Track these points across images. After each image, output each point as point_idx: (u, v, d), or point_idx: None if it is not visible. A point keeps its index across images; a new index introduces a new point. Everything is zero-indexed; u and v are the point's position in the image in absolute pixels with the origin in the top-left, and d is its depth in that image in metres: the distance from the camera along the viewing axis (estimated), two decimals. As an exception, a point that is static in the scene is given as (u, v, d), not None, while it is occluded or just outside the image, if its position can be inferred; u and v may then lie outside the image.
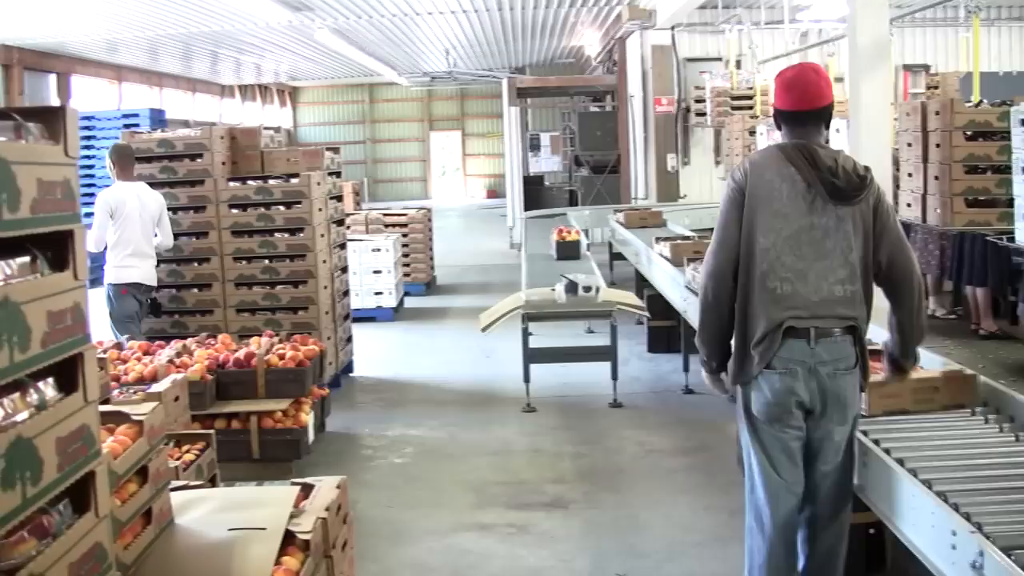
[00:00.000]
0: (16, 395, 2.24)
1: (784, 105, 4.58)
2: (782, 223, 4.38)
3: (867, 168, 4.48)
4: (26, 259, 2.30)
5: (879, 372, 4.86)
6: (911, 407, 5.12)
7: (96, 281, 9.46)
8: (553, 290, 9.51)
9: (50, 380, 2.38)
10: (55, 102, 23.36)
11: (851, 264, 4.37)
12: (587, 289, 9.40)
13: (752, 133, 17.28)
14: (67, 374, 2.43)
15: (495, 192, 43.14)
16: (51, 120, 2.42)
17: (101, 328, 8.57)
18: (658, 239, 10.23)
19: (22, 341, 2.18)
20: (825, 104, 4.52)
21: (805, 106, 4.51)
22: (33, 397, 2.29)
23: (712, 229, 4.71)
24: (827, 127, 4.60)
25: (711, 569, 5.78)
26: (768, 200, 4.42)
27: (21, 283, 2.22)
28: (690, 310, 8.35)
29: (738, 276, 4.49)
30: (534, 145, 31.15)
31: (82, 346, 2.46)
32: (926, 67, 21.88)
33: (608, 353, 9.29)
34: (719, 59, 20.78)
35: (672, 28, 20.89)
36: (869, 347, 4.59)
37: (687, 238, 10.84)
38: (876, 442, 4.77)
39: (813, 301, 4.35)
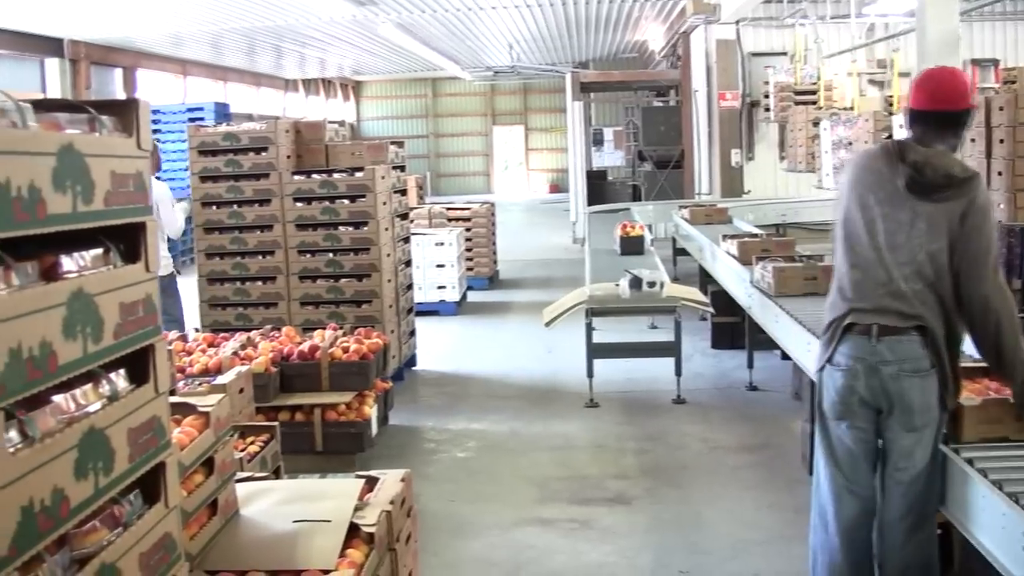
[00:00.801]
0: (88, 386, 2.25)
1: (911, 103, 4.50)
2: (860, 212, 4.36)
3: (970, 173, 4.33)
4: (99, 251, 2.32)
5: (981, 393, 4.53)
6: (1013, 435, 4.40)
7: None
8: (617, 285, 9.47)
9: (121, 371, 2.39)
10: (121, 96, 23.57)
11: (919, 262, 4.25)
12: (651, 284, 9.36)
13: (816, 125, 17.11)
14: (138, 365, 2.45)
15: (558, 187, 43.10)
16: (124, 113, 2.44)
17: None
18: (725, 237, 10.15)
19: (95, 332, 2.20)
20: (949, 108, 4.38)
21: (928, 106, 4.40)
22: (105, 388, 2.30)
23: (778, 225, 4.73)
24: (955, 132, 4.42)
25: (776, 568, 5.73)
26: (853, 191, 4.43)
27: (94, 275, 2.24)
28: (755, 307, 8.29)
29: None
30: (597, 140, 31.06)
31: (153, 338, 2.47)
32: (995, 62, 21.59)
33: (672, 349, 9.25)
34: (784, 54, 20.62)
35: (737, 22, 20.77)
36: (971, 363, 4.48)
37: (754, 236, 10.74)
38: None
39: (878, 294, 4.27)
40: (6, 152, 1.93)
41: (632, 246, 12.35)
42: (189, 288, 10.08)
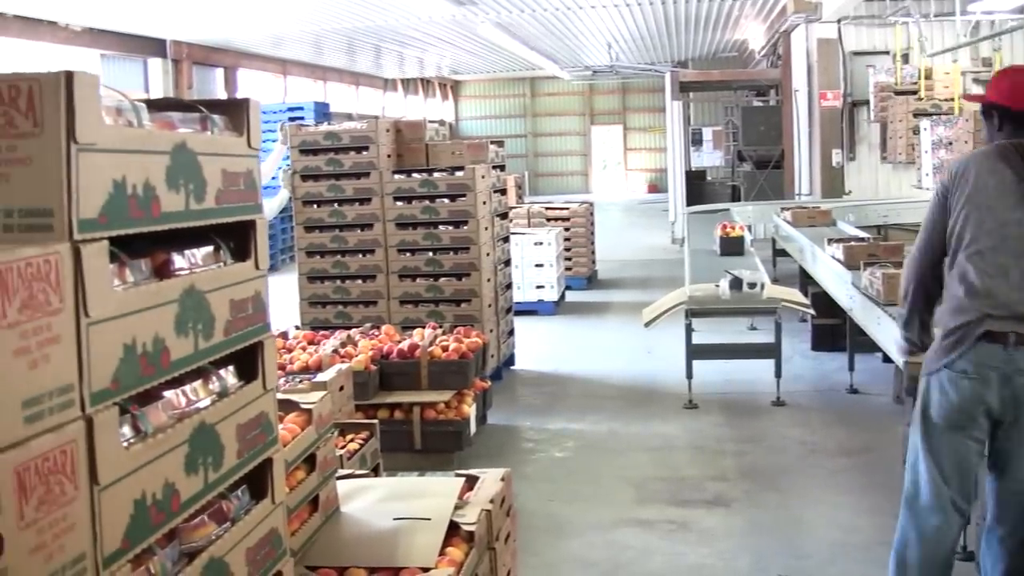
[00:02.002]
0: (198, 382, 2.28)
1: (1010, 102, 4.34)
2: (986, 216, 4.17)
3: None
4: (210, 248, 2.35)
5: None
6: None
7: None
8: (717, 286, 9.42)
9: (230, 368, 2.42)
10: (222, 95, 23.93)
11: None
12: (752, 285, 9.29)
13: (916, 132, 16.85)
14: (247, 362, 2.48)
15: (656, 187, 42.95)
16: (235, 113, 2.47)
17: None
18: (830, 240, 10.00)
19: (206, 329, 2.22)
20: None
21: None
22: (215, 384, 2.33)
23: (880, 226, 4.63)
24: None
25: (874, 573, 5.64)
26: (973, 196, 4.21)
27: (205, 272, 2.27)
28: (856, 308, 8.18)
29: (944, 270, 4.37)
30: (696, 140, 30.92)
31: (262, 335, 2.50)
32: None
33: (772, 350, 9.17)
34: (886, 52, 20.31)
35: (838, 21, 20.48)
36: None
37: (861, 240, 10.59)
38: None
39: (1014, 299, 4.09)
40: (123, 150, 1.96)
41: (732, 247, 12.27)
42: (289, 286, 10.18)
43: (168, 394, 2.17)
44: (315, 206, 9.61)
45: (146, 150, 2.06)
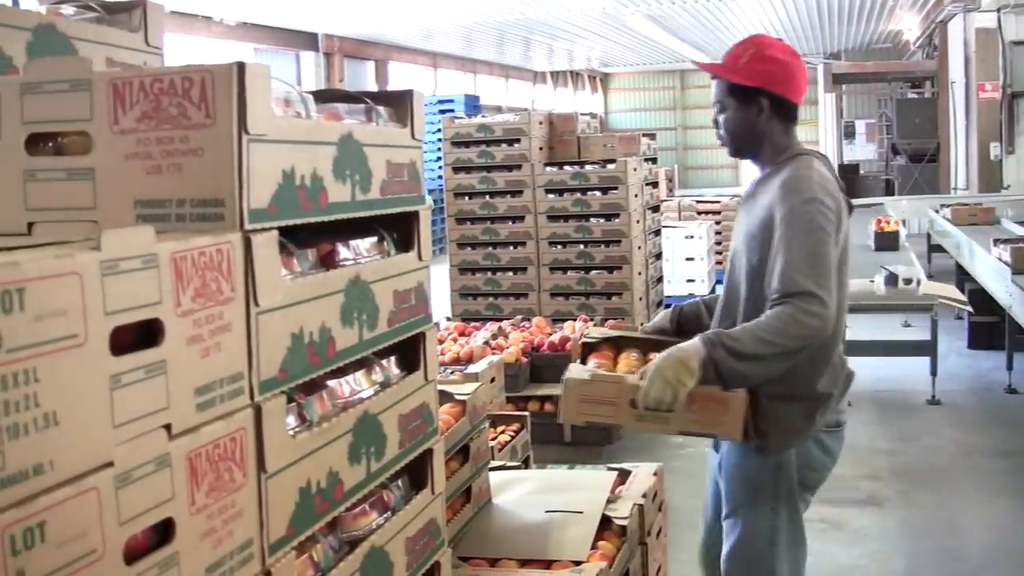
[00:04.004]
0: (361, 372, 2.30)
1: (801, 95, 3.68)
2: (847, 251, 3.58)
3: None
4: (374, 239, 2.36)
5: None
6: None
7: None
8: (872, 281, 9.24)
9: (392, 358, 2.43)
10: (373, 89, 24.27)
11: None
12: (907, 281, 9.09)
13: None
14: (408, 353, 2.49)
15: (806, 180, 42.32)
16: (399, 104, 2.48)
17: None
18: (996, 241, 9.71)
19: (371, 320, 2.24)
20: None
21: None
22: (378, 374, 2.35)
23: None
24: None
25: (1035, 580, 5.51)
26: (848, 233, 3.56)
27: (370, 262, 2.28)
28: (1016, 305, 7.95)
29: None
30: (849, 133, 30.40)
31: (424, 326, 2.51)
32: None
33: (928, 348, 8.98)
34: (1051, 42, 19.73)
35: (998, 10, 19.91)
36: None
37: (1030, 240, 10.27)
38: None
39: None
40: (292, 141, 1.98)
41: (886, 241, 12.05)
42: (440, 277, 10.27)
43: (332, 383, 2.19)
44: (466, 198, 9.66)
45: (314, 141, 2.08)
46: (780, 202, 3.35)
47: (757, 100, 3.56)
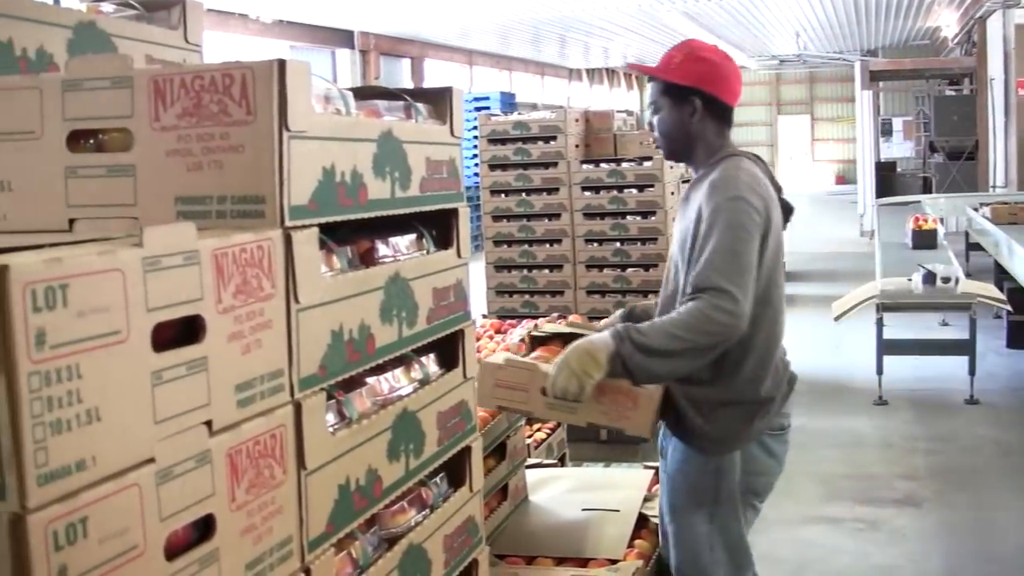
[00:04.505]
0: (400, 369, 2.30)
1: (735, 98, 3.63)
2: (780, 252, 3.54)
3: None
4: (412, 236, 2.36)
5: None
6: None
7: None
8: (910, 280, 9.20)
9: (431, 356, 2.43)
10: (408, 86, 24.33)
11: None
12: (946, 280, 9.04)
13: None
14: (447, 350, 2.49)
15: (844, 178, 42.16)
16: (438, 101, 2.48)
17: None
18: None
19: (410, 317, 2.24)
20: None
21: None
22: (417, 372, 2.35)
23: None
24: None
25: (1076, 583, 5.46)
26: (779, 232, 3.48)
27: (409, 260, 2.28)
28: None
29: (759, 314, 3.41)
30: (886, 130, 30.22)
31: (463, 323, 2.51)
32: None
33: (966, 347, 8.93)
34: (1092, 38, 19.54)
35: (1039, 6, 19.80)
36: None
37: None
38: None
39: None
40: (332, 138, 1.98)
41: (924, 240, 11.98)
42: (476, 275, 10.26)
43: (371, 381, 2.19)
44: (503, 195, 9.65)
45: (354, 138, 2.08)
46: (707, 201, 3.32)
47: (691, 100, 3.53)
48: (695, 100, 3.52)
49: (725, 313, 3.11)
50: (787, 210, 3.57)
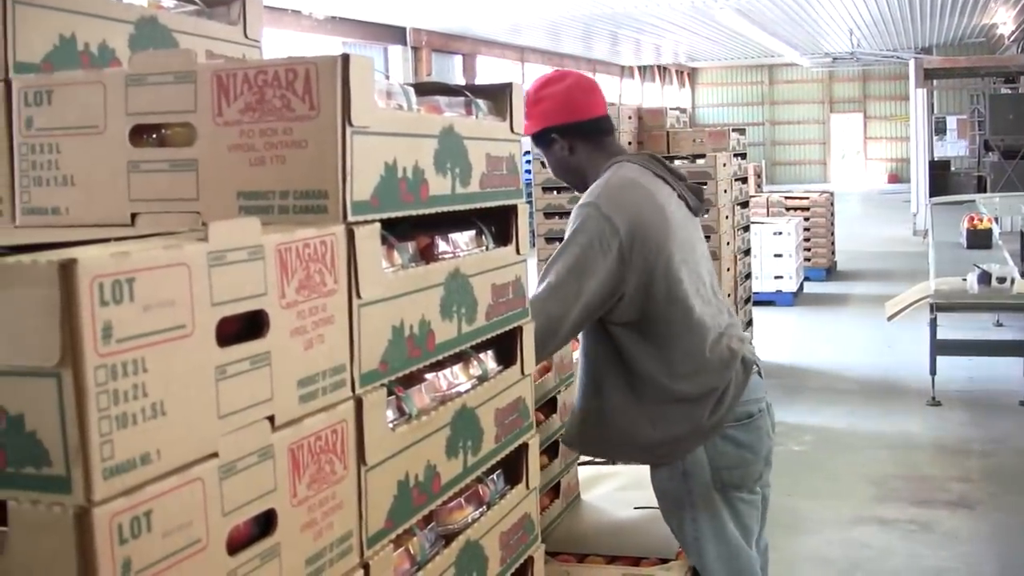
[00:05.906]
0: (458, 365, 2.29)
1: (599, 111, 3.73)
2: (689, 247, 3.65)
3: None
4: (472, 232, 2.36)
5: None
6: None
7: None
8: (964, 280, 9.15)
9: (490, 352, 2.43)
10: (460, 82, 24.43)
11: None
12: (1001, 280, 8.99)
13: None
14: (505, 346, 2.48)
15: (897, 177, 41.87)
16: (499, 97, 2.47)
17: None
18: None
19: (469, 313, 2.23)
20: None
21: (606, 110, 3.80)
22: (475, 368, 2.34)
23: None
24: None
25: None
26: (666, 228, 3.51)
27: (469, 256, 2.28)
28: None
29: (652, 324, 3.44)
30: (939, 128, 29.96)
31: (521, 320, 2.50)
32: None
33: (1021, 348, 8.89)
34: None
35: (1099, 3, 19.57)
36: None
37: None
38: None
39: (736, 323, 3.72)
40: (394, 133, 1.97)
41: (979, 239, 11.95)
42: (529, 271, 10.26)
43: (430, 377, 2.18)
44: (555, 192, 9.64)
45: (416, 133, 2.07)
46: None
47: (553, 140, 3.64)
48: (555, 138, 3.63)
49: (539, 314, 3.13)
50: (696, 194, 3.78)
